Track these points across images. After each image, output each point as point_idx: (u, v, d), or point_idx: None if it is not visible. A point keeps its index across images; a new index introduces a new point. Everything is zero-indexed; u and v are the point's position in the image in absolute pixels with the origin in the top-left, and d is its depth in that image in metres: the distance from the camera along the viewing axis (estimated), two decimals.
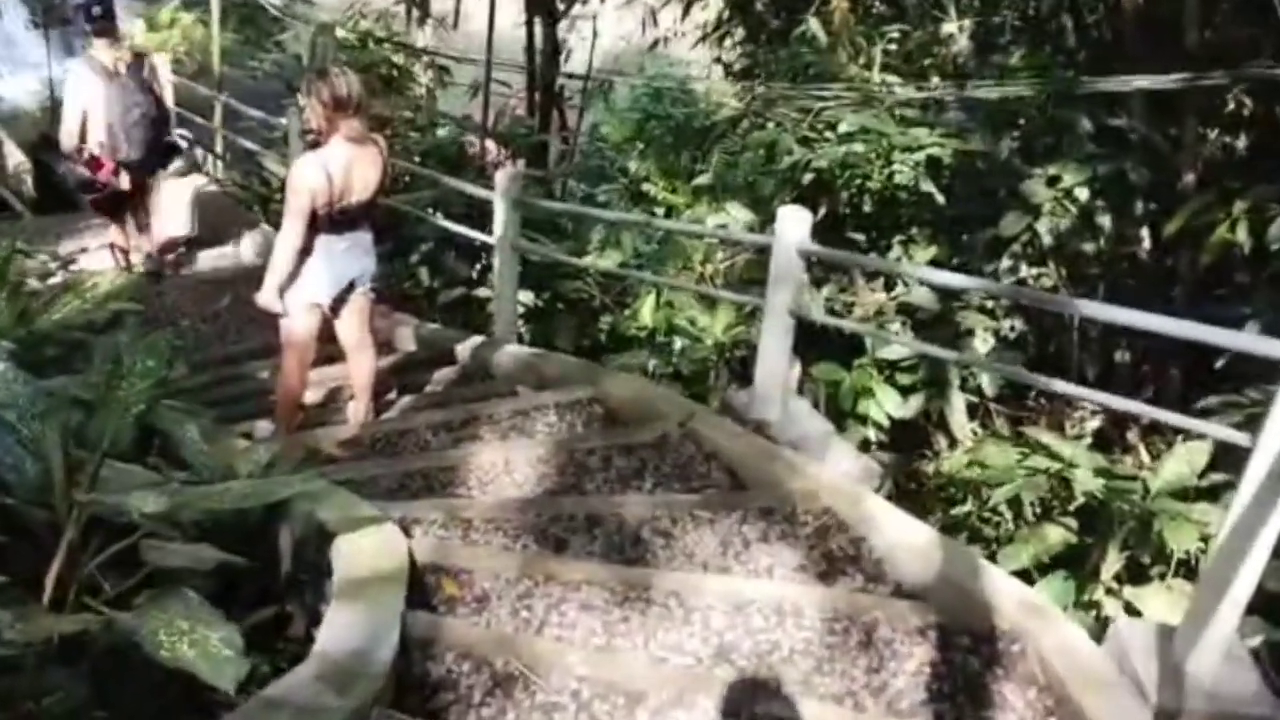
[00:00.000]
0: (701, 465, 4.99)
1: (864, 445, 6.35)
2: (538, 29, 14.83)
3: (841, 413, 6.34)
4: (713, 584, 3.97)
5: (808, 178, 6.61)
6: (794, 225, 4.91)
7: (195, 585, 3.65)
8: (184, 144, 8.56)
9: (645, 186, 8.81)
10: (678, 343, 7.08)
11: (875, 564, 4.28)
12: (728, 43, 9.88)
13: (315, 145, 5.47)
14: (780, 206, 5.08)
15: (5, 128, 14.48)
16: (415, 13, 15.41)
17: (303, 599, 3.88)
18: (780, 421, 5.16)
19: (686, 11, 11.33)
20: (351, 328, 5.63)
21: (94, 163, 7.62)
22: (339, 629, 3.11)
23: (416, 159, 9.58)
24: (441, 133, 11.04)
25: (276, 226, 9.08)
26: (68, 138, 7.57)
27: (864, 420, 6.31)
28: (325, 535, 3.85)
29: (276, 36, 13.35)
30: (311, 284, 5.28)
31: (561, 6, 15.11)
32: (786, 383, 5.30)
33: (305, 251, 5.17)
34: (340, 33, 9.91)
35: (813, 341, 6.26)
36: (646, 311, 7.45)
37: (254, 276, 8.43)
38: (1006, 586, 3.97)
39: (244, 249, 9.14)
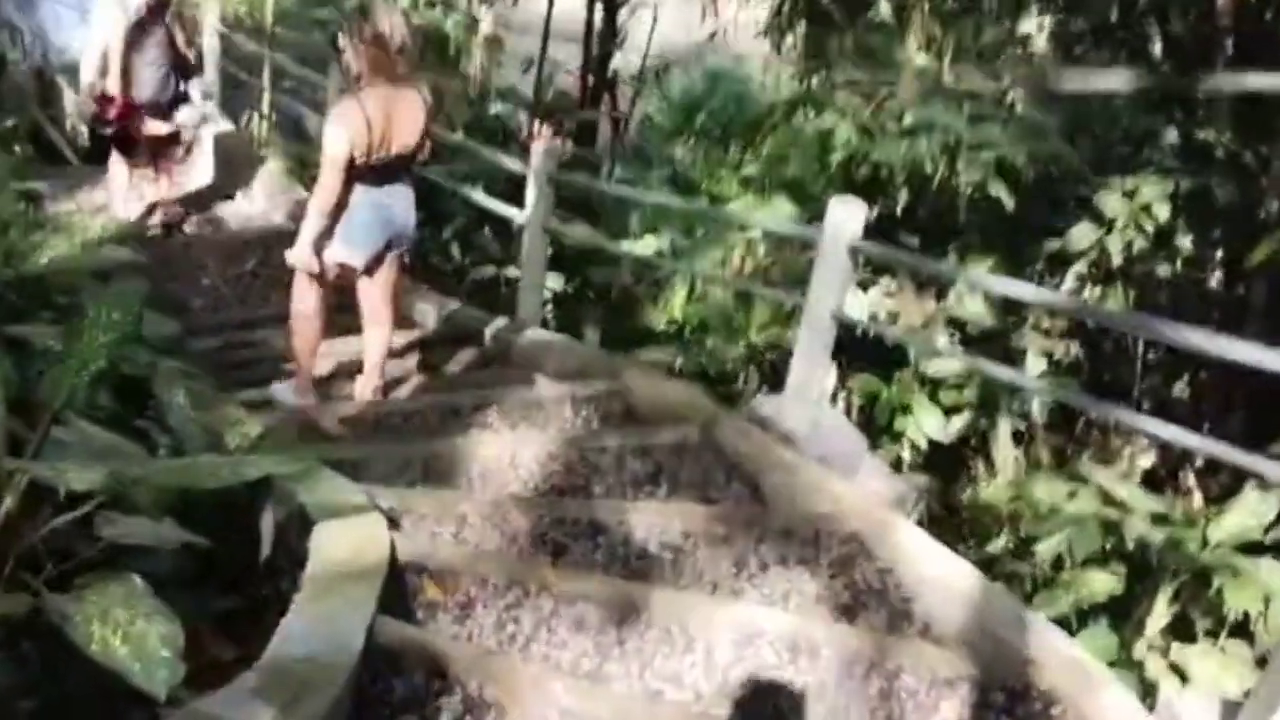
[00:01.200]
0: (721, 475, 4.63)
1: (897, 465, 5.95)
2: (598, 12, 14.58)
3: (877, 428, 5.95)
4: (721, 610, 3.60)
5: (863, 173, 6.20)
6: (846, 219, 4.54)
7: (161, 565, 3.36)
8: (196, 95, 8.44)
9: (690, 175, 8.45)
10: (709, 340, 6.72)
11: (903, 600, 3.91)
12: (789, 39, 9.49)
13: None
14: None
15: (68, 78, 14.27)
16: None
17: (278, 587, 3.56)
18: (810, 434, 4.79)
19: None
20: (374, 297, 5.30)
21: (105, 99, 7.67)
22: (296, 631, 2.76)
23: (460, 132, 9.22)
24: (497, 108, 10.68)
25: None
26: (87, 71, 7.69)
27: (900, 438, 5.90)
28: (306, 521, 3.53)
29: None
30: (345, 241, 4.96)
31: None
32: (820, 391, 4.93)
33: (341, 205, 4.84)
34: None
35: (852, 349, 5.89)
36: (678, 304, 7.11)
37: (285, 240, 8.24)
38: (1050, 639, 3.59)
39: (277, 211, 8.84)
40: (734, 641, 3.40)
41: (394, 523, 3.83)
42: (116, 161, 8.32)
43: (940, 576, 3.91)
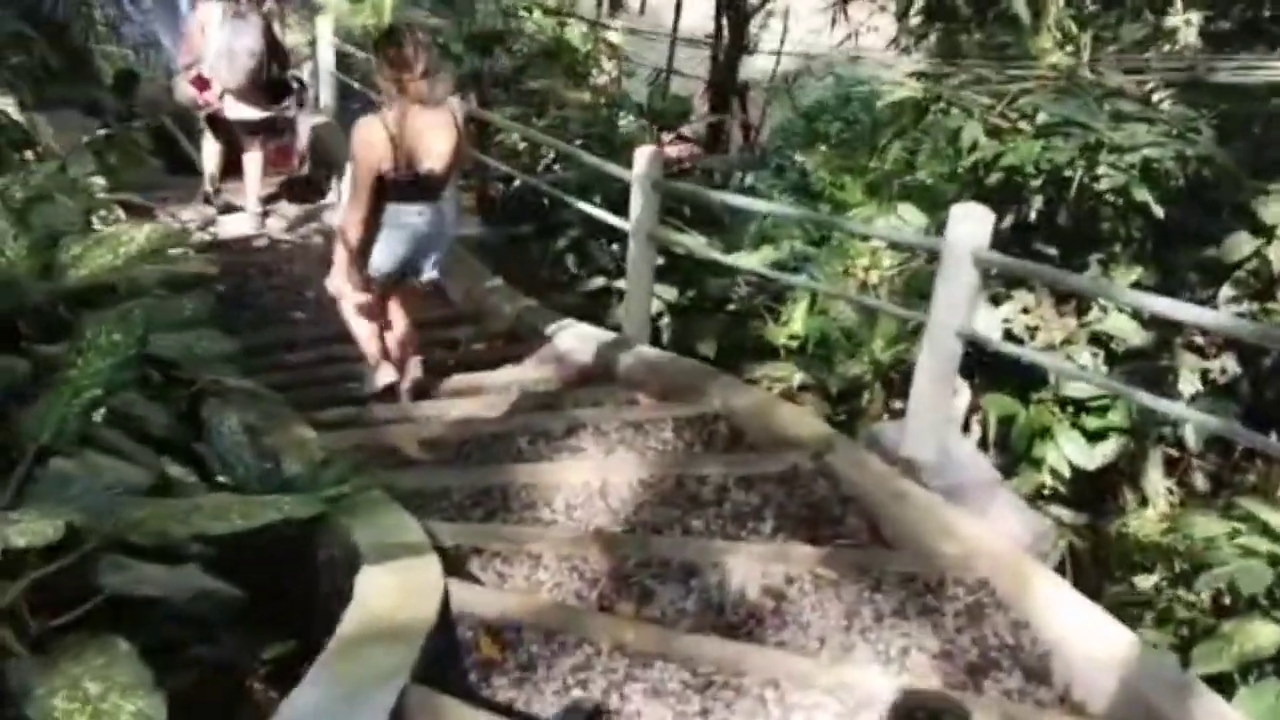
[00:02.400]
0: (835, 509, 4.14)
1: (1037, 493, 5.37)
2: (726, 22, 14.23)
3: (1014, 455, 5.38)
4: (826, 672, 3.12)
5: (995, 178, 5.63)
6: (970, 226, 4.02)
7: (205, 607, 3.06)
8: (295, 84, 8.76)
9: (813, 181, 7.96)
10: (831, 358, 6.22)
11: (1040, 660, 3.38)
12: (918, 38, 8.94)
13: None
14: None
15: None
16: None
17: (331, 631, 3.22)
18: (936, 463, 4.27)
19: None
20: (398, 308, 5.39)
21: (201, 82, 8.15)
22: (304, 703, 2.38)
23: (579, 141, 8.87)
24: (625, 123, 10.30)
25: None
26: (185, 55, 8.32)
27: (1040, 466, 5.31)
28: (355, 562, 3.17)
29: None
30: (375, 256, 4.98)
31: (754, 1, 14.49)
32: (947, 416, 4.41)
33: (375, 224, 4.90)
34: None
35: (987, 369, 5.34)
36: (799, 319, 6.62)
37: None
38: (1209, 708, 3.02)
39: None
40: (839, 713, 2.92)
41: (460, 562, 3.46)
42: (210, 143, 8.71)
43: (1085, 634, 3.37)
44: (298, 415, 4.64)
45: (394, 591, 2.92)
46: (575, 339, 6.11)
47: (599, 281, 7.32)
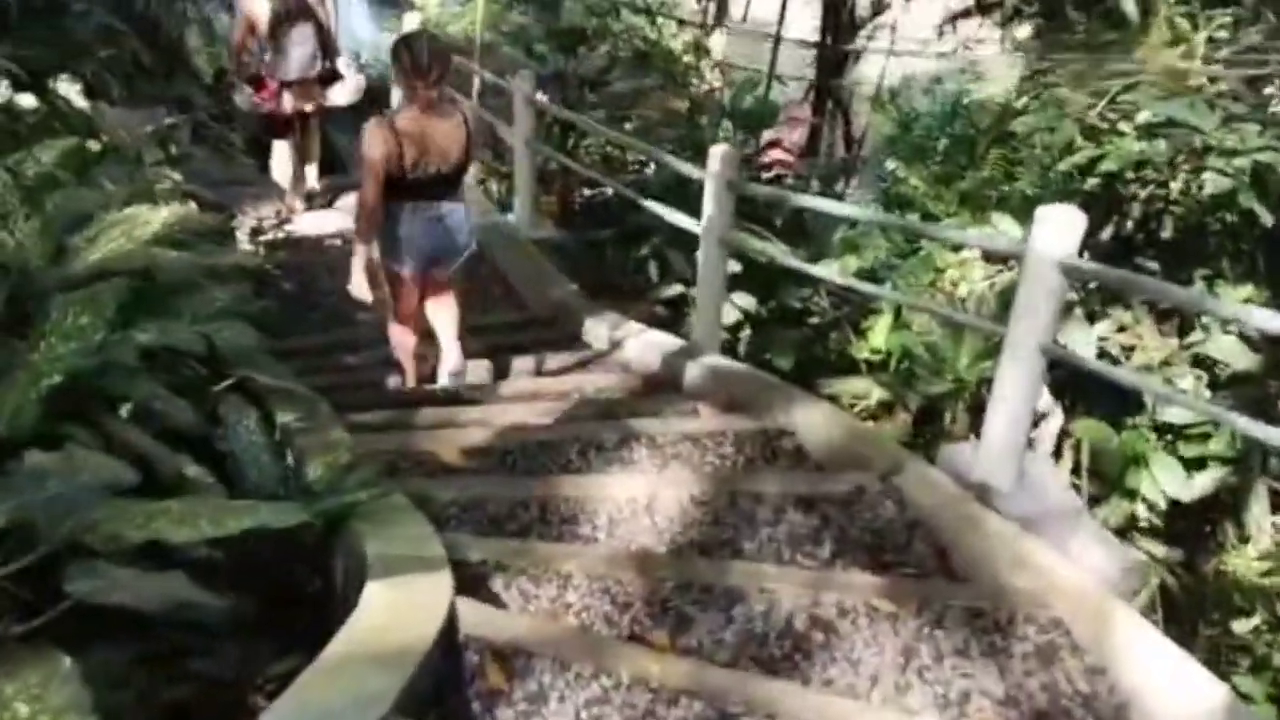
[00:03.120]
0: (900, 535, 3.81)
1: (1128, 526, 4.94)
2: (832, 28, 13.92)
3: (1105, 483, 4.96)
4: (873, 716, 2.81)
5: (1092, 183, 5.22)
6: (1056, 232, 3.66)
7: (209, 614, 2.86)
8: (346, 71, 8.73)
9: (904, 189, 7.59)
10: (914, 374, 5.86)
11: (1116, 710, 3.05)
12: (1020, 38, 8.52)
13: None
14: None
15: None
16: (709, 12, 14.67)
17: None
18: (1013, 489, 3.91)
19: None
20: (433, 304, 5.53)
21: (259, 84, 8.30)
22: None
23: (668, 147, 8.61)
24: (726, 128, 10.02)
25: (503, 210, 8.45)
26: (235, 50, 8.52)
27: (1132, 496, 4.88)
28: (363, 575, 2.94)
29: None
30: (391, 254, 5.16)
31: (862, 15, 14.18)
32: (1026, 438, 4.04)
33: (392, 220, 5.07)
34: None
35: (1078, 390, 4.94)
36: (881, 332, 6.26)
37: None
38: None
39: None
40: None
41: (482, 580, 3.21)
42: (278, 147, 9.02)
43: (1167, 680, 3.03)
44: (336, 417, 4.43)
45: (392, 609, 2.67)
46: (643, 347, 5.84)
47: (676, 289, 7.04)
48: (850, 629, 3.23)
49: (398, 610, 2.68)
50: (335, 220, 8.60)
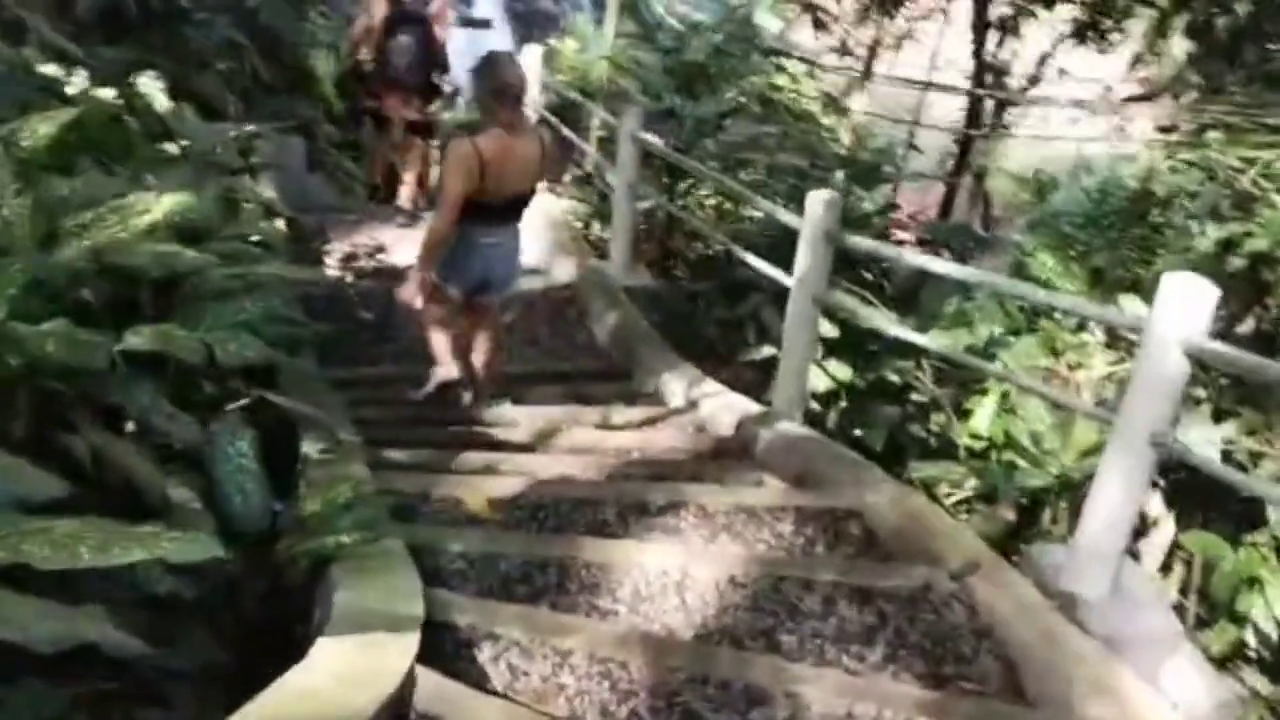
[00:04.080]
0: (966, 644, 3.27)
1: (1233, 654, 4.27)
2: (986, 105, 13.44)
3: (1214, 605, 4.32)
4: None
5: (1237, 264, 4.62)
6: (1182, 305, 3.13)
7: (184, 659, 2.55)
8: (448, 88, 9.29)
9: (1031, 264, 7.02)
10: (1015, 463, 5.30)
11: None
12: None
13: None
14: None
15: None
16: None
17: None
18: (1103, 603, 3.35)
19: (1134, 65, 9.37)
20: (477, 328, 5.52)
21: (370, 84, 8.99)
22: None
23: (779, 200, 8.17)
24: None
25: (601, 255, 8.09)
26: (351, 46, 9.15)
27: (1242, 622, 4.21)
28: (325, 626, 2.56)
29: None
30: (449, 274, 5.12)
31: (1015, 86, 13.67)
32: (1125, 543, 3.47)
33: (454, 244, 5.00)
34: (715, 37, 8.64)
35: (1195, 494, 4.34)
36: (984, 415, 5.69)
37: (559, 299, 7.49)
38: None
39: (558, 264, 8.06)
40: None
41: (458, 650, 2.79)
42: (373, 137, 9.51)
43: None
44: (362, 451, 4.09)
45: (332, 673, 2.27)
46: (719, 408, 5.38)
47: (768, 351, 6.56)
48: None
49: (339, 675, 2.28)
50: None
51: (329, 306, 7.19)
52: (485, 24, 14.54)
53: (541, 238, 8.31)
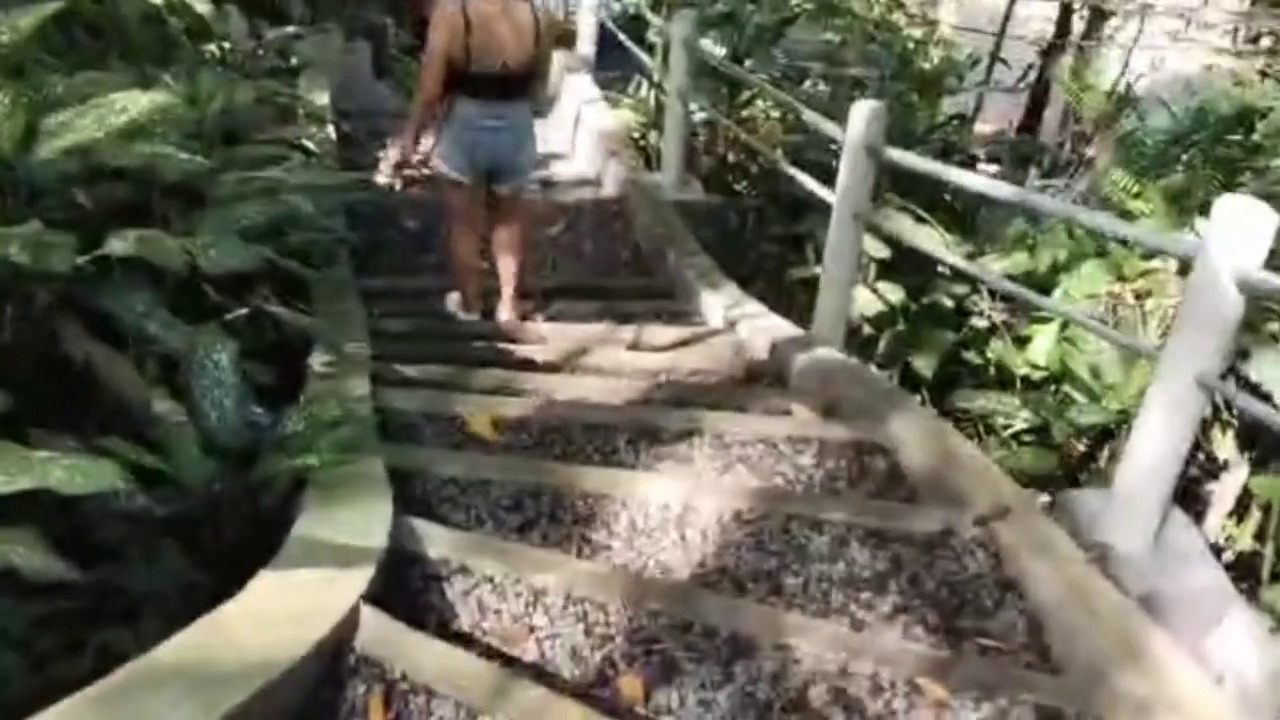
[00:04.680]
0: (988, 596, 3.03)
1: None
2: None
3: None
4: None
5: None
6: (1234, 233, 2.81)
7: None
8: None
9: (1105, 185, 6.62)
10: (1072, 397, 5.00)
11: None
12: None
13: None
14: None
15: None
16: None
17: None
18: (1141, 557, 3.09)
19: None
20: (497, 224, 5.26)
21: None
22: None
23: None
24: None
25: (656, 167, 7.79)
26: None
27: None
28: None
29: None
30: (443, 155, 4.91)
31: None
32: (1170, 490, 3.19)
33: (447, 122, 4.81)
34: None
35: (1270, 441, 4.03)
36: (1043, 344, 5.39)
37: (605, 206, 7.24)
38: None
39: (609, 176, 7.77)
40: None
41: (425, 586, 2.62)
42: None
43: None
44: (366, 364, 3.92)
45: (264, 611, 2.11)
46: (758, 330, 5.12)
47: (818, 270, 6.27)
48: (883, 713, 2.50)
49: (272, 612, 2.11)
50: None
51: (374, 214, 7.01)
52: None
53: (595, 146, 8.05)
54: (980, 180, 4.30)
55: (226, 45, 6.11)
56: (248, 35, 6.60)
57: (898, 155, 4.65)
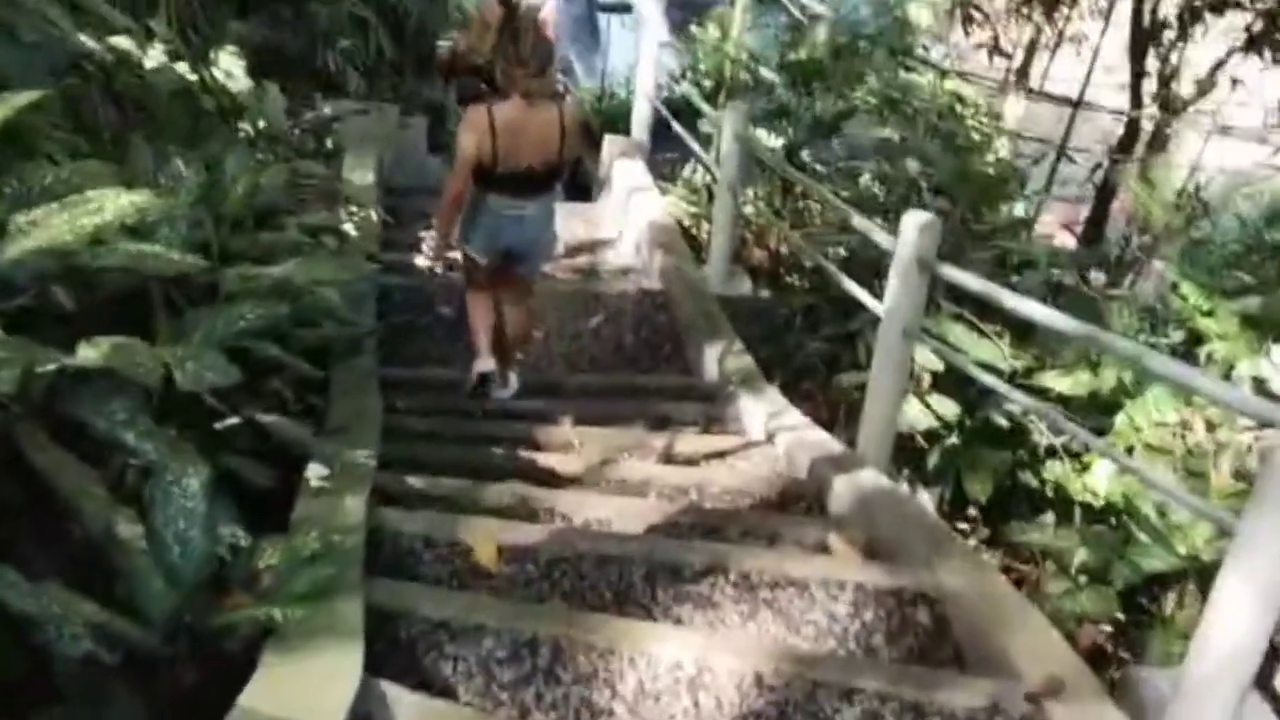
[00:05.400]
0: None
1: None
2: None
3: None
4: None
5: None
6: None
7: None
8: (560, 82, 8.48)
9: (1170, 300, 6.25)
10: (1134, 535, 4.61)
11: None
12: None
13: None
14: None
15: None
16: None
17: None
18: None
19: None
20: (507, 300, 5.53)
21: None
22: None
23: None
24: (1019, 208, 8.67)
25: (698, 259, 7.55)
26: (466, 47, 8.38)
27: None
28: None
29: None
30: (468, 238, 5.18)
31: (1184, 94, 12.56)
32: (1250, 676, 2.81)
33: (474, 208, 5.08)
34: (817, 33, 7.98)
35: None
36: (1105, 472, 5.01)
37: (648, 300, 6.96)
38: None
39: (655, 267, 7.47)
40: None
41: None
42: None
43: None
44: (367, 478, 3.64)
45: None
46: (797, 444, 4.80)
47: (864, 378, 5.94)
48: None
49: None
50: None
51: (409, 299, 6.81)
52: (624, 8, 13.93)
53: (643, 235, 7.80)
54: (1040, 310, 3.93)
55: (262, 124, 5.94)
56: (286, 112, 6.45)
57: (952, 272, 4.34)
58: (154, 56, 5.28)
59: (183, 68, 5.45)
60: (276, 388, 4.28)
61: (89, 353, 2.79)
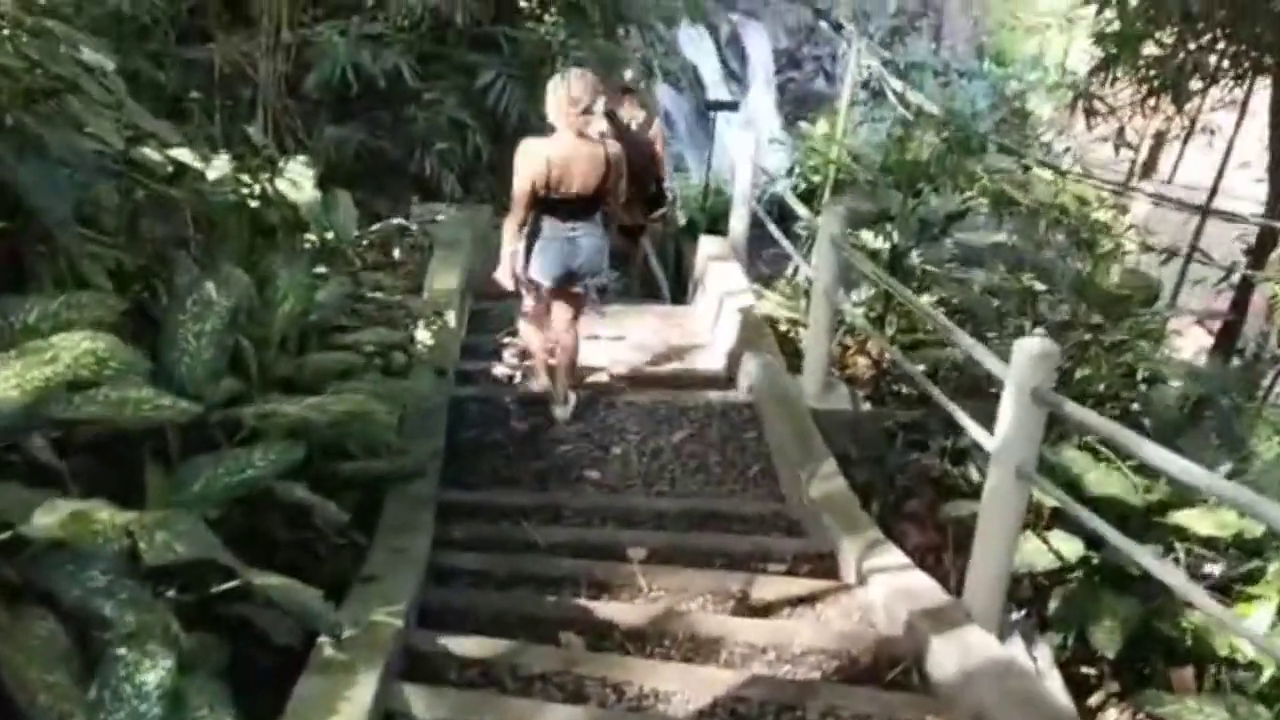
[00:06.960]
0: None
1: None
2: None
3: None
4: None
5: None
6: None
7: None
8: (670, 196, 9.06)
9: None
10: None
11: None
12: None
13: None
14: None
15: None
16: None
17: None
18: None
19: None
20: (561, 317, 6.16)
21: None
22: None
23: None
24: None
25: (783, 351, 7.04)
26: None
27: None
28: None
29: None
30: (534, 263, 5.82)
31: None
32: None
33: (533, 235, 5.76)
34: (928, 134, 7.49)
35: None
36: (1262, 622, 4.34)
37: (734, 413, 6.46)
38: None
39: (745, 376, 6.95)
40: None
41: None
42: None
43: None
44: (385, 651, 3.17)
45: None
46: (894, 593, 4.22)
47: (969, 507, 5.32)
48: None
49: None
50: (611, 354, 7.46)
51: (481, 410, 6.42)
52: (732, 106, 13.64)
53: (735, 341, 7.32)
54: (1174, 461, 3.32)
55: (330, 235, 5.64)
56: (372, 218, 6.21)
57: (1072, 409, 3.76)
58: (218, 167, 5.01)
59: (246, 178, 5.18)
60: (311, 530, 3.89)
61: (45, 519, 2.42)
